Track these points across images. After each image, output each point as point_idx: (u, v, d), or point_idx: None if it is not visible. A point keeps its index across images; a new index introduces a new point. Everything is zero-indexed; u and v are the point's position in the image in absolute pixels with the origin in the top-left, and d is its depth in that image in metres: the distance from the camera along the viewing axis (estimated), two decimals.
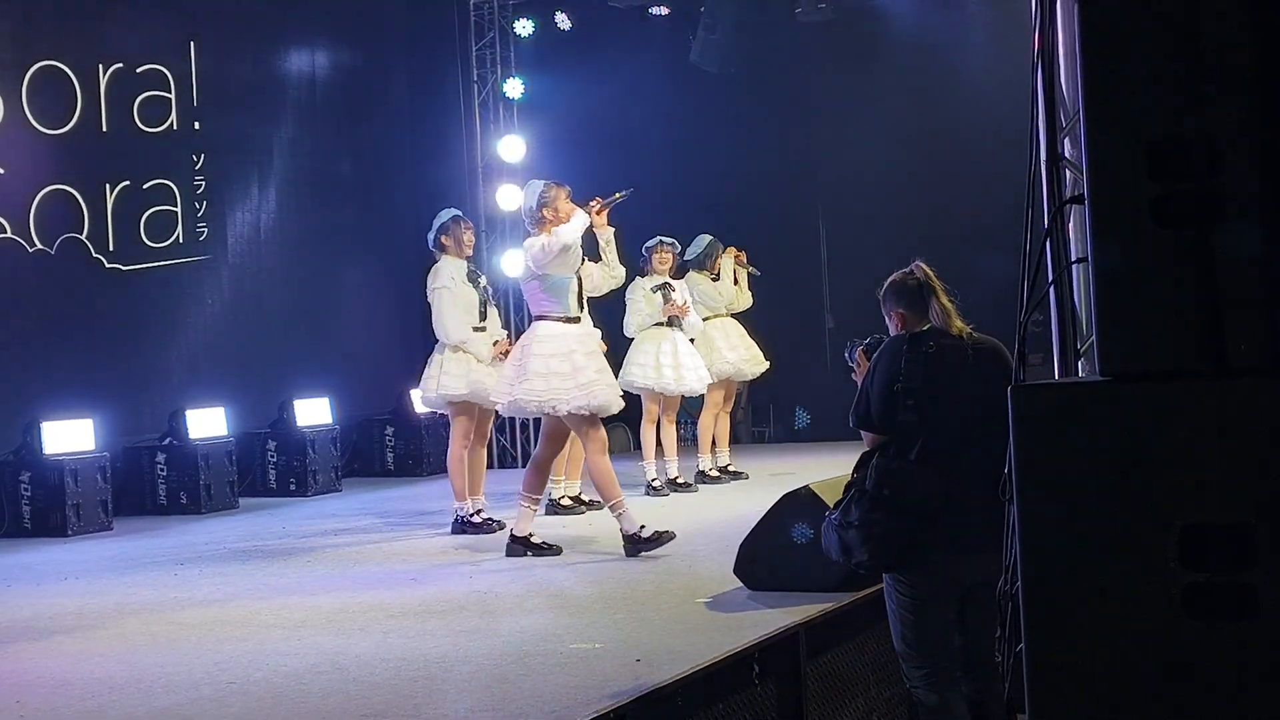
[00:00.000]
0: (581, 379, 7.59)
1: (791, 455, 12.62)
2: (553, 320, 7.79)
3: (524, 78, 13.91)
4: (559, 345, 7.68)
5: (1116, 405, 2.69)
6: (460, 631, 5.81)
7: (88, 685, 5.17)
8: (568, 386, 7.56)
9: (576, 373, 7.61)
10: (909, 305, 4.79)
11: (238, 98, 12.26)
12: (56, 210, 10.58)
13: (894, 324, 4.86)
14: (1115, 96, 2.72)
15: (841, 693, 5.72)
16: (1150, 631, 2.63)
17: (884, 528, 4.56)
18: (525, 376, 7.62)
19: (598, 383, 7.63)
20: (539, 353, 7.65)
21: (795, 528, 6.21)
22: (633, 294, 10.31)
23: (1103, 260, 2.72)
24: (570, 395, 7.54)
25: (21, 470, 9.78)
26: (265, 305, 12.39)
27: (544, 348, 7.67)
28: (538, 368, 7.60)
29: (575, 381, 7.57)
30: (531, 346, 7.71)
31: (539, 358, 7.63)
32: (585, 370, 7.64)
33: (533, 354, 7.66)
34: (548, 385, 7.56)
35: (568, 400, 7.54)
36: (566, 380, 7.57)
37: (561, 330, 7.76)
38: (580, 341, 7.78)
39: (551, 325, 7.78)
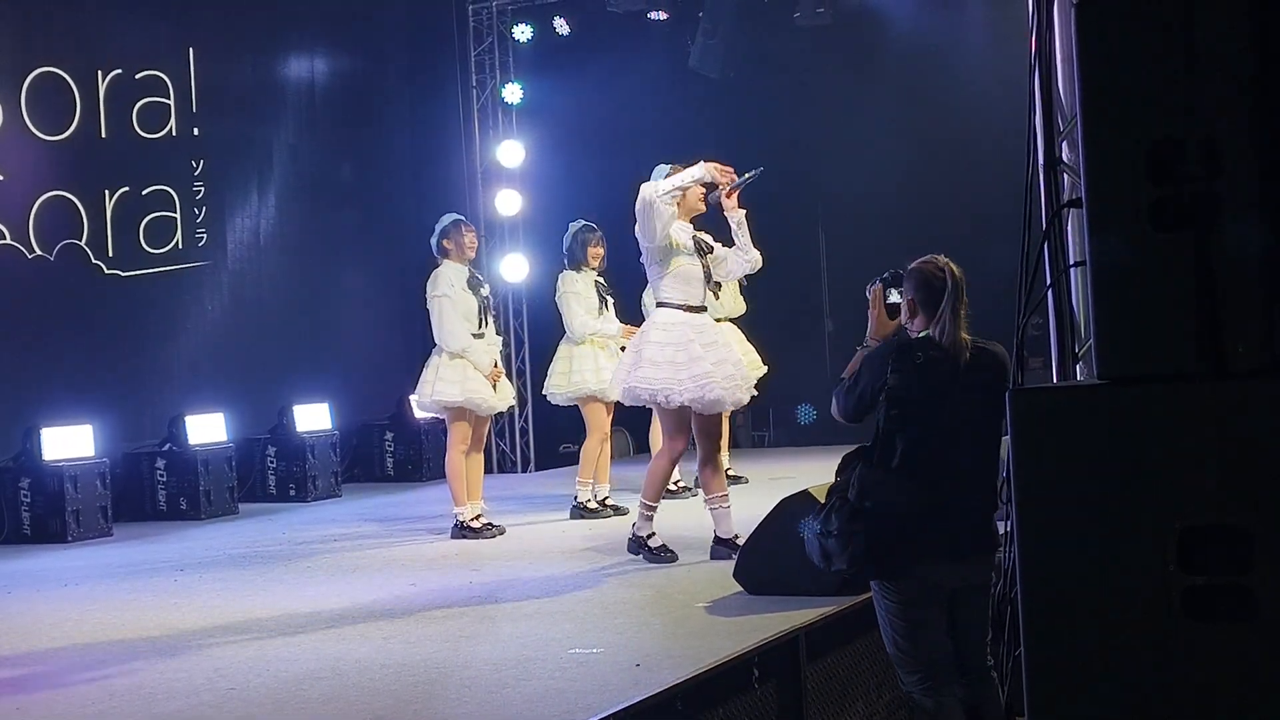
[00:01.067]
0: (696, 370, 7.31)
1: (791, 459, 12.61)
2: (673, 308, 7.50)
3: (523, 83, 13.92)
4: (679, 334, 7.40)
5: (1115, 408, 2.70)
6: (460, 637, 5.81)
7: (87, 691, 5.17)
8: (682, 378, 7.28)
9: (692, 363, 7.32)
10: (925, 301, 4.66)
11: (237, 103, 12.26)
12: (56, 216, 10.59)
13: (905, 310, 4.79)
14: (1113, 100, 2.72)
15: (841, 696, 5.71)
16: (1149, 635, 2.63)
17: (863, 538, 4.55)
18: (640, 364, 7.38)
19: (714, 375, 7.32)
20: (656, 340, 7.41)
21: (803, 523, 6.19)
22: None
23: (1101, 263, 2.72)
24: (684, 387, 7.27)
25: (21, 476, 9.78)
26: (265, 311, 12.39)
27: (662, 336, 7.41)
28: (654, 355, 7.35)
29: (690, 373, 7.30)
30: (650, 334, 7.48)
31: (656, 345, 7.39)
32: (701, 362, 7.34)
33: (650, 341, 7.43)
34: (661, 374, 7.30)
35: (680, 392, 7.27)
36: (681, 370, 7.30)
37: (683, 319, 7.47)
38: (700, 331, 7.50)
39: (673, 313, 7.49)
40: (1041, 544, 2.74)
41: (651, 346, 7.39)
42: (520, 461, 13.69)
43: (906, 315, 4.76)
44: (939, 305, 4.61)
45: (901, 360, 4.58)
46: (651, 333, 7.48)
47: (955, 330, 4.59)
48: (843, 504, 4.61)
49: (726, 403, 7.43)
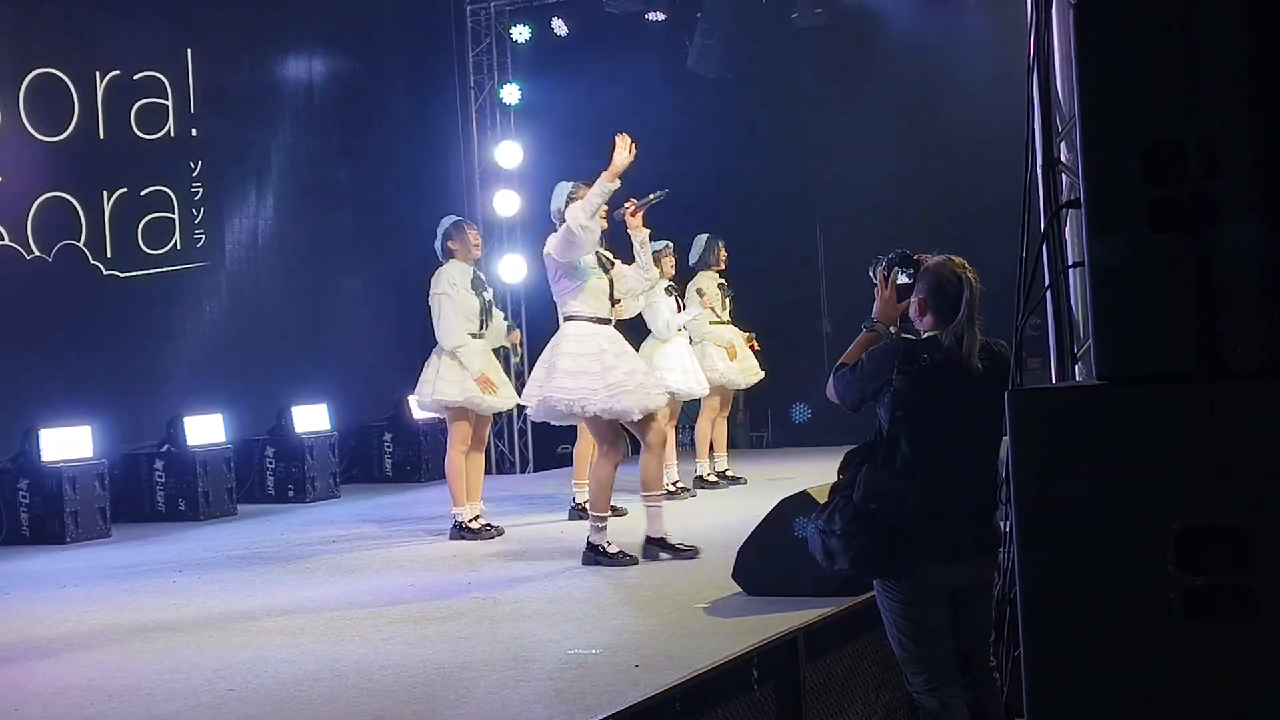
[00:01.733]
0: (610, 379, 7.46)
1: (789, 460, 12.62)
2: (582, 320, 7.67)
3: (521, 83, 13.92)
4: (589, 345, 7.56)
5: (1114, 409, 2.70)
6: (459, 637, 5.81)
7: (86, 693, 5.17)
8: (596, 387, 7.43)
9: (606, 372, 7.48)
10: (937, 306, 4.60)
11: (235, 104, 12.26)
12: (54, 217, 10.58)
13: (914, 306, 4.74)
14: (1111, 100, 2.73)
15: (840, 697, 5.71)
16: (1148, 635, 2.63)
17: (866, 539, 4.54)
18: (554, 375, 7.52)
19: (626, 384, 7.48)
20: (568, 351, 7.55)
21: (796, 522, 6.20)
22: (653, 298, 10.27)
23: (1099, 264, 2.72)
24: (598, 396, 7.42)
25: (20, 477, 9.78)
26: (263, 312, 12.39)
27: (574, 346, 7.55)
28: (568, 366, 7.49)
29: (604, 382, 7.45)
30: (561, 345, 7.61)
31: (569, 356, 7.53)
32: (615, 371, 7.50)
33: (563, 353, 7.55)
34: (577, 384, 7.45)
35: (595, 401, 7.42)
36: (595, 380, 7.45)
37: (592, 330, 7.65)
38: (611, 342, 7.66)
39: (582, 325, 7.66)
40: (1041, 544, 2.74)
41: (565, 358, 7.54)
42: (519, 462, 13.69)
43: (916, 312, 4.72)
44: (952, 311, 4.54)
45: (908, 362, 4.56)
46: (563, 344, 7.62)
47: (973, 340, 4.53)
48: (846, 503, 4.60)
49: (635, 411, 7.51)
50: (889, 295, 4.82)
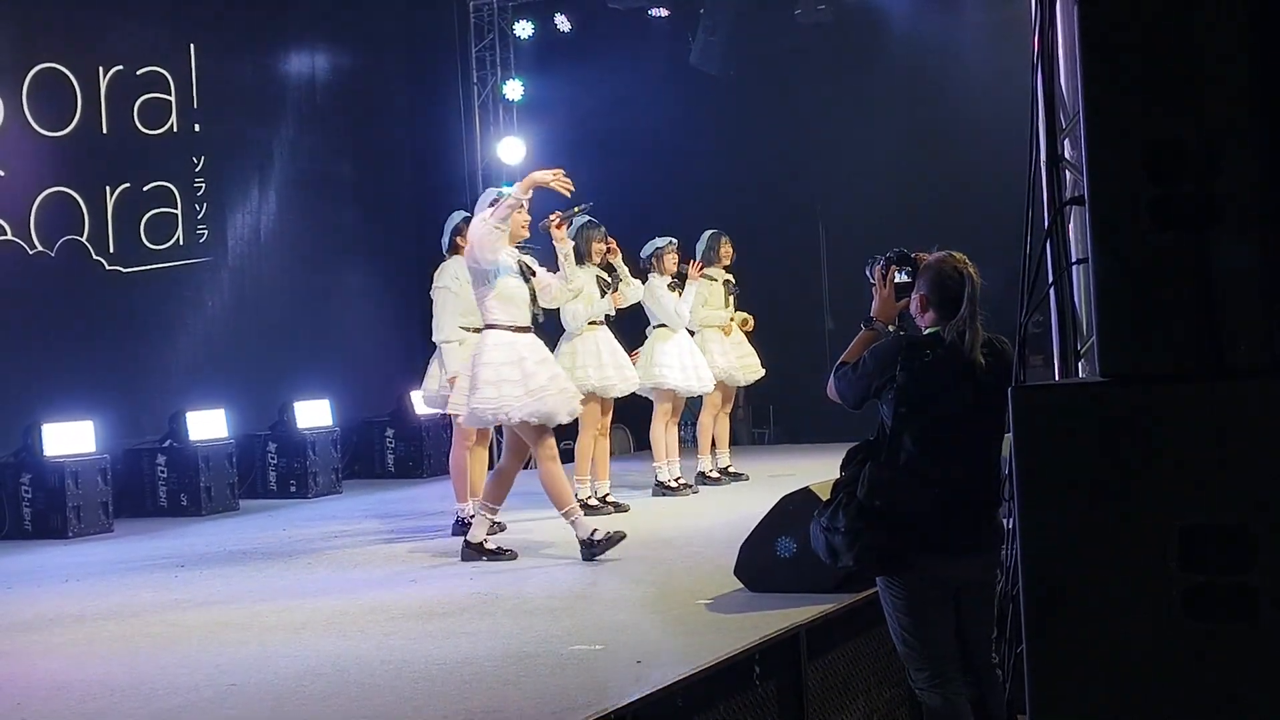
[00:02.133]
0: (532, 385, 7.59)
1: (791, 457, 12.62)
2: (502, 329, 7.76)
3: (524, 80, 13.93)
4: (509, 354, 7.67)
5: (1116, 406, 2.70)
6: (461, 633, 5.81)
7: (88, 687, 5.17)
8: (519, 394, 7.56)
9: (527, 379, 7.61)
10: (939, 302, 4.60)
11: (238, 100, 12.26)
12: (57, 212, 10.59)
13: (915, 303, 4.74)
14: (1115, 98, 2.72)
15: (842, 694, 5.72)
16: (1150, 633, 2.63)
17: (870, 536, 4.54)
18: (477, 386, 7.63)
19: (549, 389, 7.62)
20: (489, 361, 7.65)
21: (779, 541, 6.22)
22: (656, 292, 10.26)
23: (1102, 261, 2.72)
24: (521, 403, 7.54)
25: (22, 472, 9.79)
26: (265, 307, 12.39)
27: (494, 356, 7.66)
28: (489, 376, 7.61)
29: (526, 388, 7.58)
30: (482, 356, 7.70)
31: (489, 366, 7.64)
32: (536, 377, 7.63)
33: (483, 363, 7.66)
34: (499, 393, 7.57)
35: (519, 408, 7.54)
36: (517, 387, 7.58)
37: (511, 339, 7.73)
38: (531, 349, 7.76)
39: (501, 334, 7.75)
40: (1042, 541, 2.74)
41: (485, 369, 7.62)
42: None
43: (917, 309, 4.72)
44: (954, 306, 4.55)
45: (911, 359, 4.55)
46: (483, 355, 7.69)
47: (975, 336, 4.53)
48: (850, 501, 4.59)
49: (562, 414, 7.66)
50: (887, 294, 4.82)
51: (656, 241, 10.49)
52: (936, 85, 13.72)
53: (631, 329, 10.39)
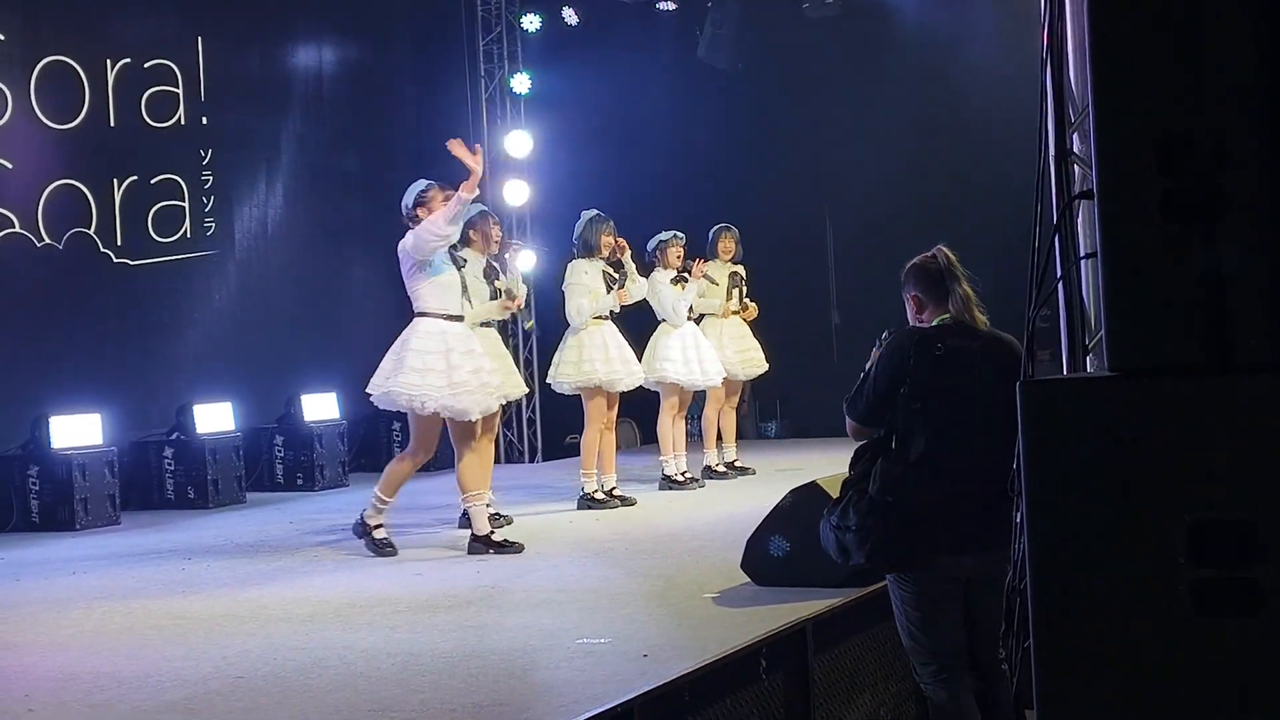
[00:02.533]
0: (455, 378, 7.67)
1: (798, 451, 12.63)
2: (433, 316, 7.81)
3: (531, 73, 13.91)
4: (438, 344, 7.72)
5: (1124, 400, 2.69)
6: (467, 626, 5.82)
7: (95, 679, 5.18)
8: (440, 385, 7.61)
9: (451, 371, 7.68)
10: (927, 290, 4.68)
11: (245, 93, 12.26)
12: (65, 205, 10.60)
13: (911, 308, 4.77)
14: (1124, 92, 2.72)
15: (849, 688, 5.72)
16: (1157, 627, 2.63)
17: (882, 533, 4.52)
18: (402, 370, 7.66)
19: (469, 384, 7.70)
20: (417, 348, 7.70)
21: (772, 540, 6.23)
22: (657, 287, 10.25)
23: (1111, 255, 2.72)
24: (440, 394, 7.60)
25: (30, 465, 9.81)
26: (272, 300, 12.40)
27: (422, 344, 7.71)
28: (415, 363, 7.65)
29: (449, 380, 7.64)
30: (411, 341, 7.75)
31: (417, 353, 7.68)
32: (460, 370, 7.70)
33: (411, 349, 7.70)
34: (423, 381, 7.62)
35: (436, 399, 7.60)
36: (440, 378, 7.63)
37: (442, 327, 7.79)
38: (459, 340, 7.81)
39: (433, 322, 7.80)
40: (1050, 535, 2.74)
41: (412, 354, 7.68)
42: (528, 451, 13.71)
43: (915, 311, 4.74)
44: (946, 288, 4.62)
45: (922, 353, 4.55)
46: (412, 340, 7.75)
47: (973, 307, 4.60)
48: (861, 498, 4.57)
49: (474, 412, 7.73)
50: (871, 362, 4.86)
51: (662, 235, 10.49)
52: (945, 79, 13.71)
53: (639, 324, 10.38)
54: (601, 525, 8.70)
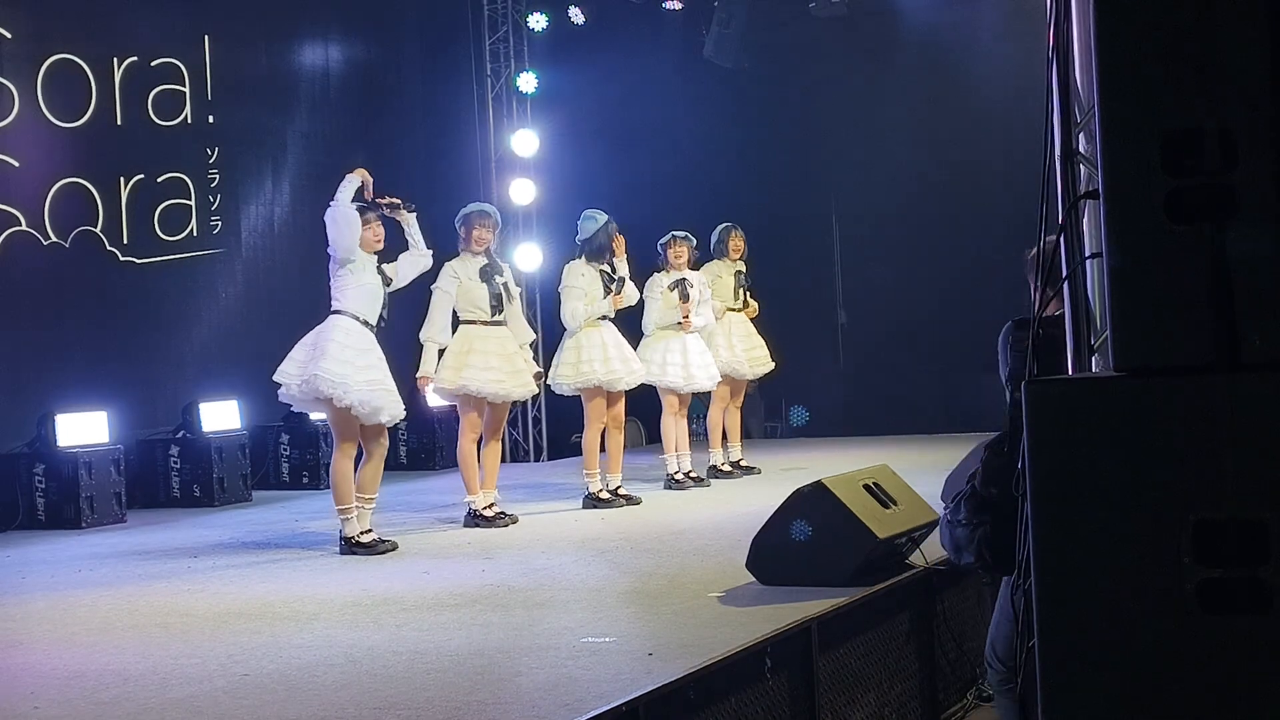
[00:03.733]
0: (371, 375, 7.78)
1: (804, 450, 12.63)
2: (350, 317, 7.93)
3: (537, 72, 13.92)
4: (358, 340, 7.84)
5: (1130, 400, 2.69)
6: (473, 625, 5.82)
7: (101, 677, 5.19)
8: (359, 380, 7.71)
9: (368, 369, 7.79)
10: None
11: (252, 91, 12.28)
12: (71, 203, 10.62)
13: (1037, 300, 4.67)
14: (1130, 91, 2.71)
15: (853, 687, 5.72)
16: (1164, 627, 2.62)
17: (988, 529, 4.40)
18: (321, 358, 7.74)
19: (385, 384, 7.86)
20: (338, 340, 7.79)
21: (795, 524, 6.21)
22: (650, 290, 10.26)
23: (1117, 255, 2.71)
24: (358, 388, 7.69)
25: (36, 462, 9.83)
26: (278, 298, 12.40)
27: (343, 338, 7.81)
28: (335, 353, 7.74)
29: (366, 377, 7.75)
30: (332, 334, 7.83)
31: (338, 344, 7.77)
32: (374, 369, 7.84)
33: (331, 339, 7.79)
34: (343, 370, 7.70)
35: (353, 391, 7.69)
36: (359, 374, 7.73)
37: (360, 329, 7.91)
38: (374, 344, 7.94)
39: (351, 322, 7.91)
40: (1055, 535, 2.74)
41: (333, 345, 7.77)
42: (533, 451, 13.71)
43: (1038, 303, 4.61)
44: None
45: (1018, 338, 4.43)
46: (334, 333, 7.84)
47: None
48: (972, 492, 4.48)
49: (384, 414, 7.88)
50: None
51: (675, 233, 10.46)
52: (951, 79, 13.71)
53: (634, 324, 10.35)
54: (606, 524, 8.71)
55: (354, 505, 7.89)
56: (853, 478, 6.45)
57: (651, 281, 10.27)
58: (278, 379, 8.01)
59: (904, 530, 6.29)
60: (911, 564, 6.46)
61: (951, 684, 6.55)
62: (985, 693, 6.56)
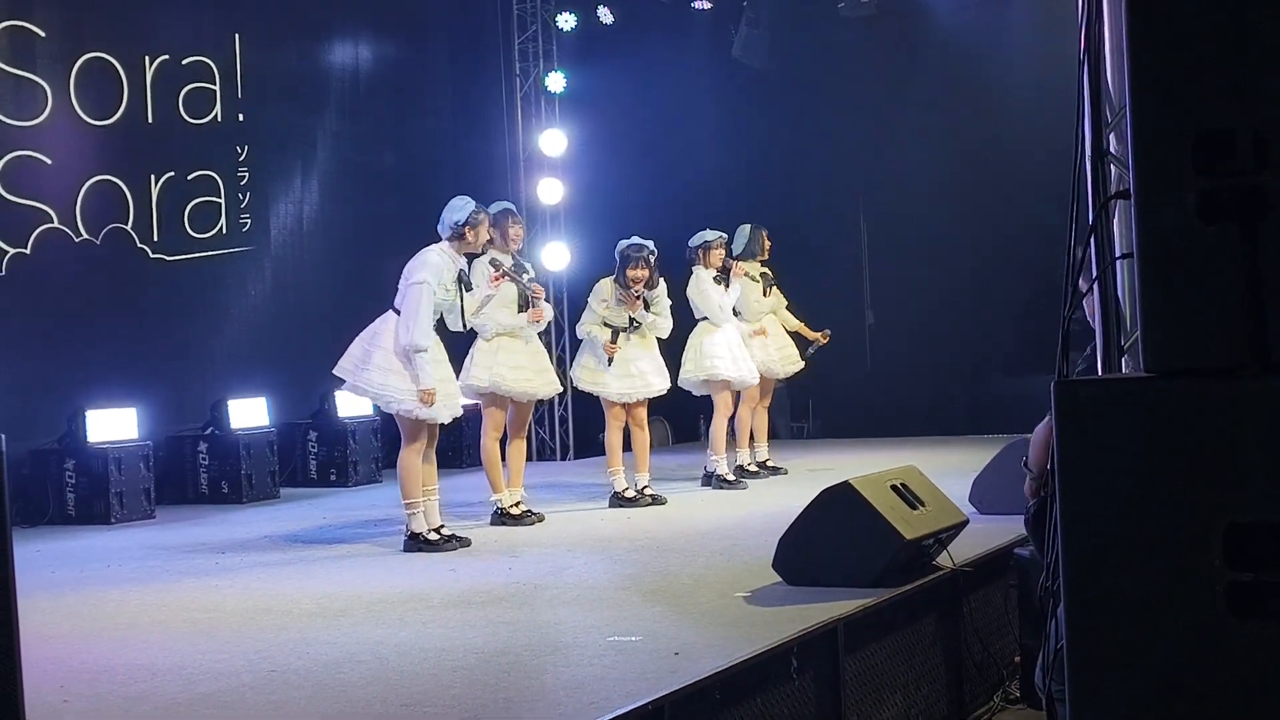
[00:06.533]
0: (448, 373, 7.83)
1: (831, 451, 12.61)
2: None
3: (566, 71, 13.92)
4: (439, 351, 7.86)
5: (1161, 401, 2.67)
6: (499, 622, 5.83)
7: (130, 671, 5.22)
8: (405, 388, 7.70)
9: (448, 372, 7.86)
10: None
11: (281, 90, 12.33)
12: (102, 201, 10.68)
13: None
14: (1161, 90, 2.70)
15: (880, 688, 5.70)
16: (1193, 630, 2.61)
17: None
18: (367, 366, 7.77)
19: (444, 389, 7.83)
20: (385, 347, 7.78)
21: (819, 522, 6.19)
22: (702, 286, 10.24)
23: (1148, 256, 2.70)
24: (403, 397, 7.70)
25: (66, 458, 9.89)
26: (307, 296, 12.45)
27: (392, 343, 7.79)
28: (380, 361, 7.74)
29: (410, 384, 7.72)
30: (382, 339, 7.82)
31: (384, 352, 7.76)
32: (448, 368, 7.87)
33: (380, 346, 7.79)
34: (385, 381, 7.72)
35: (400, 401, 7.71)
36: (405, 381, 7.71)
37: None
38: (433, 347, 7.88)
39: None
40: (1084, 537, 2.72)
41: (379, 353, 7.80)
42: (559, 449, 13.72)
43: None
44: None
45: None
46: (383, 339, 7.84)
47: None
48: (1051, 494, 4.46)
49: (444, 416, 7.90)
50: None
51: (706, 235, 10.44)
52: (981, 79, 13.66)
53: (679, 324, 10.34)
54: (633, 523, 8.71)
55: (421, 500, 7.89)
56: (880, 478, 6.43)
57: (697, 277, 10.26)
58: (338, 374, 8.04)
59: (931, 531, 6.27)
60: (939, 565, 6.44)
61: (979, 686, 6.53)
62: (1012, 694, 6.55)
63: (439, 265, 8.09)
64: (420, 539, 7.81)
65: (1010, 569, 6.60)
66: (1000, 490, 7.89)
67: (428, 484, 7.95)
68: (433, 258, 8.14)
